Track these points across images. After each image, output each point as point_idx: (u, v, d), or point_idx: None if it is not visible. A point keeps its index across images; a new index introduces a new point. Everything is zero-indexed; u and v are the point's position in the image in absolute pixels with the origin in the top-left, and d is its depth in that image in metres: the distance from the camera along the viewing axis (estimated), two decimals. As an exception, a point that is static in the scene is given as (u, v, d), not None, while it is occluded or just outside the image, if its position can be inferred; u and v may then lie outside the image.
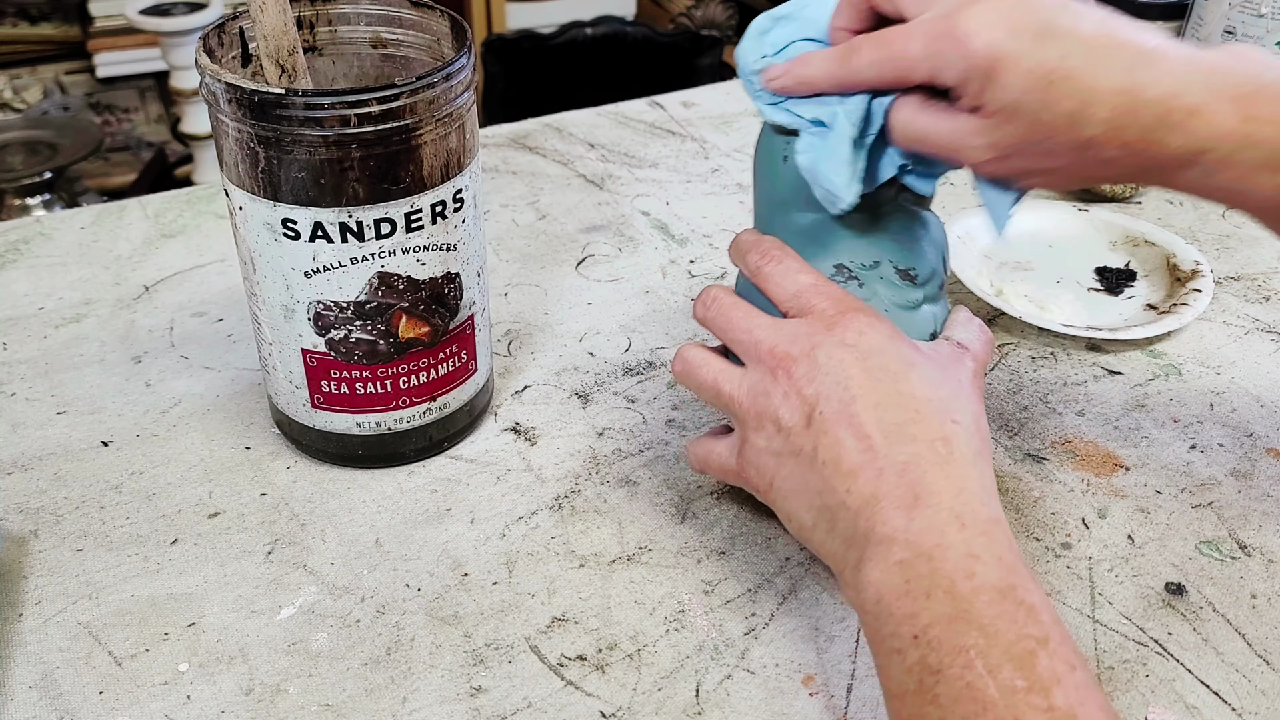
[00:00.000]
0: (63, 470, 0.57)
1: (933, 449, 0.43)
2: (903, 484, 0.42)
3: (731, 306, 0.49)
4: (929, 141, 0.45)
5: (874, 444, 0.43)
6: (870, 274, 0.50)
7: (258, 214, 0.49)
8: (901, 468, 0.42)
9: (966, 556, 0.40)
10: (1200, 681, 0.47)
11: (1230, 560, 0.53)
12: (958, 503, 0.41)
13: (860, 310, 0.46)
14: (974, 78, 0.42)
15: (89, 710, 0.45)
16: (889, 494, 0.42)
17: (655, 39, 1.97)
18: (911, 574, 0.40)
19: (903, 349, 0.45)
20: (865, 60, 0.45)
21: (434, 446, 0.58)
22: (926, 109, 0.45)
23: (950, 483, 0.42)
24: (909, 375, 0.44)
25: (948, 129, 0.44)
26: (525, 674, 0.47)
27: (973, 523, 0.41)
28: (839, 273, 0.50)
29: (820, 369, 0.45)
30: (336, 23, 0.55)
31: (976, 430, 0.45)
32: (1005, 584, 0.39)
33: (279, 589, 0.51)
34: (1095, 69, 0.41)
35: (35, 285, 0.71)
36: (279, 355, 0.54)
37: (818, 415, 0.44)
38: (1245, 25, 0.85)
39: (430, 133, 0.48)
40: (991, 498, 0.43)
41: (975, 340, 0.49)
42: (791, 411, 0.45)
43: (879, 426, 0.43)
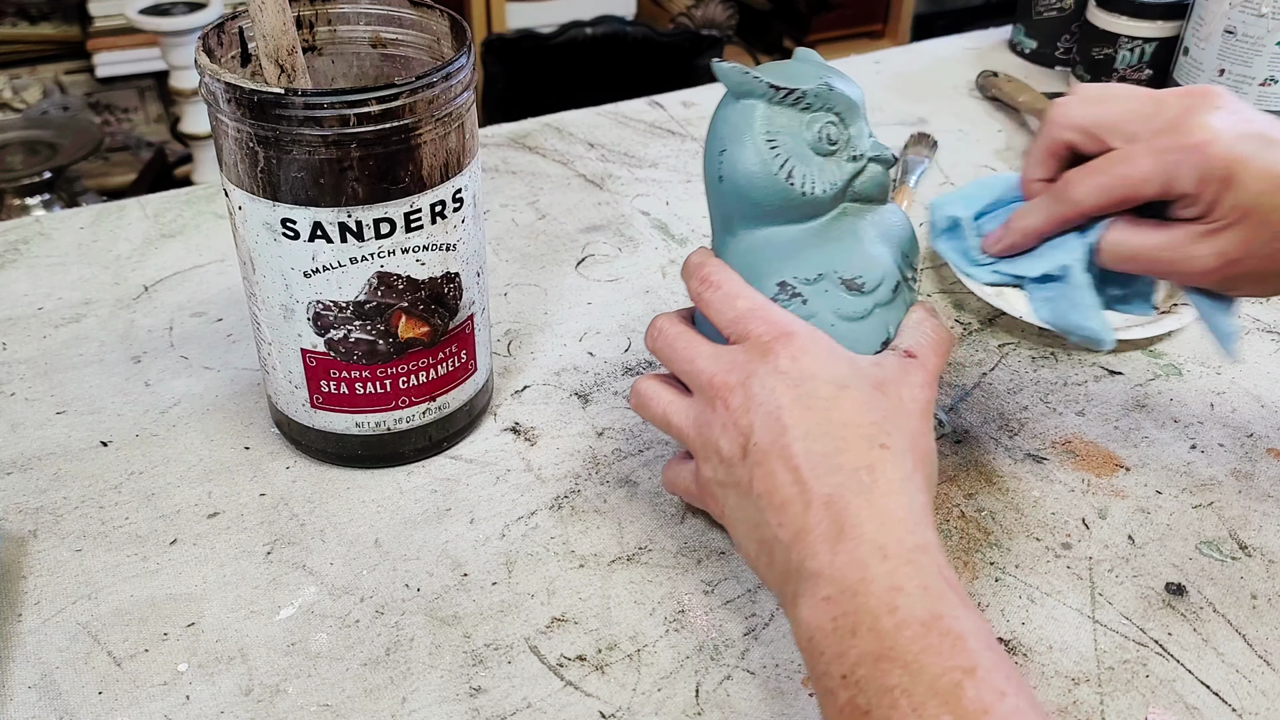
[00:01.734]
0: (62, 470, 0.57)
1: (857, 478, 0.42)
2: (828, 517, 0.41)
3: (675, 337, 0.49)
4: (1145, 257, 0.47)
5: (803, 476, 0.42)
6: (814, 288, 0.48)
7: (257, 214, 0.49)
8: (827, 500, 0.42)
9: (890, 590, 0.39)
10: (1200, 682, 0.47)
11: (1230, 560, 0.53)
12: (881, 533, 0.40)
13: (795, 334, 0.46)
14: (1211, 183, 0.44)
15: (88, 710, 0.45)
16: (815, 528, 0.41)
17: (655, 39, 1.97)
18: (838, 611, 0.39)
19: (838, 372, 0.45)
20: (1086, 189, 0.47)
21: (433, 446, 0.58)
22: (1141, 227, 0.47)
23: (873, 513, 0.41)
24: (841, 401, 0.44)
25: (1167, 242, 0.46)
26: (525, 674, 0.47)
27: (896, 553, 0.40)
28: (782, 290, 0.48)
29: (754, 399, 0.44)
30: (336, 22, 0.55)
31: (911, 451, 0.44)
32: (931, 614, 0.38)
33: (278, 589, 0.51)
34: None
35: (35, 285, 0.71)
36: (278, 355, 0.54)
37: (752, 446, 0.44)
38: (1245, 25, 0.85)
39: (430, 132, 0.48)
40: (920, 523, 0.42)
41: (925, 345, 0.48)
42: (730, 443, 0.45)
43: (807, 458, 0.43)
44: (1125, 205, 0.47)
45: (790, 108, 0.48)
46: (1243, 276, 0.47)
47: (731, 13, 2.23)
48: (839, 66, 0.51)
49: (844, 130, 0.49)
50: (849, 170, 0.49)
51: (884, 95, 0.97)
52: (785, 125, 0.48)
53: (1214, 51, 0.87)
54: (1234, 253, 0.46)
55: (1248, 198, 0.44)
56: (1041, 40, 1.04)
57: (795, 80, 0.48)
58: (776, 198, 0.48)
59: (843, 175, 0.49)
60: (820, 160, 0.48)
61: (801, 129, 0.48)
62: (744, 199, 0.48)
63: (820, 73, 0.49)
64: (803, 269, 0.48)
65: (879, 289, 0.49)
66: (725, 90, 0.49)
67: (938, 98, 0.97)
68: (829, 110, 0.48)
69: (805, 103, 0.48)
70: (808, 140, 0.48)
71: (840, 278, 0.48)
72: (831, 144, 0.48)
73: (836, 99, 0.48)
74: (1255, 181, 0.44)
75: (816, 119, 0.48)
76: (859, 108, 0.49)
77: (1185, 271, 0.47)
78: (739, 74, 0.47)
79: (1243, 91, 0.87)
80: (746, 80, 0.47)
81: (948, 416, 0.55)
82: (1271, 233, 0.45)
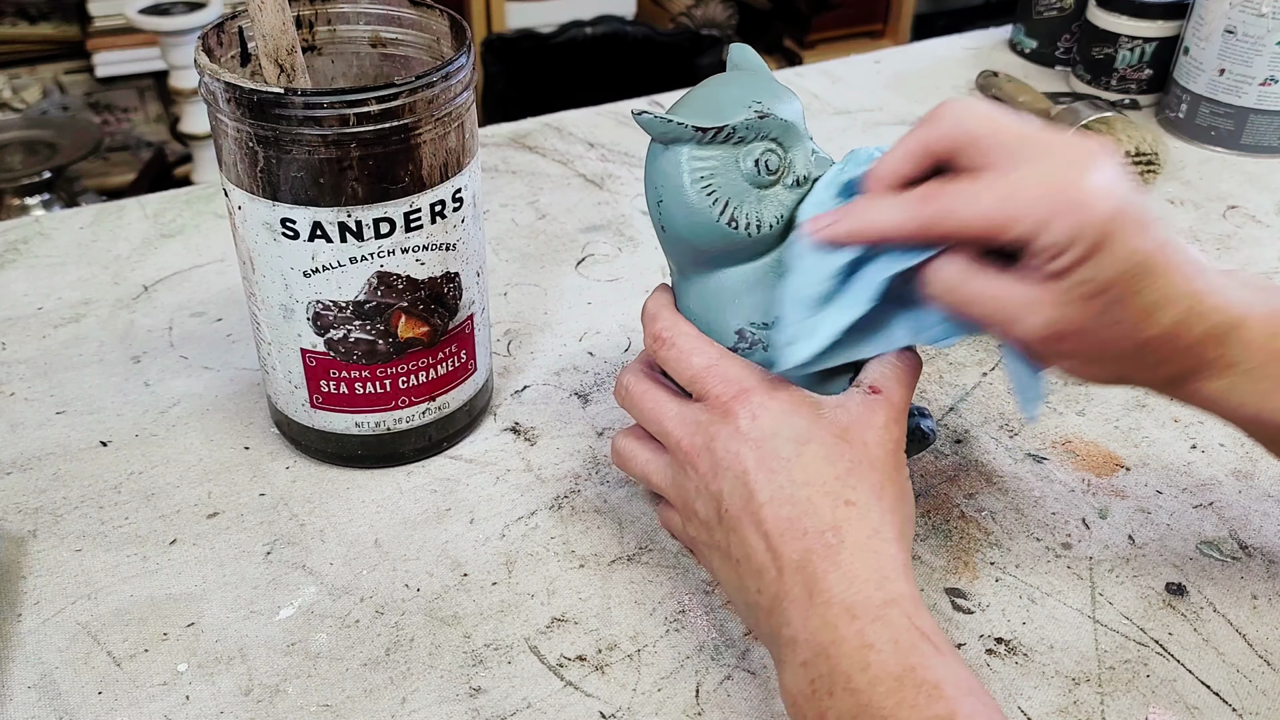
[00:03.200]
0: (61, 470, 0.57)
1: (823, 540, 0.41)
2: (799, 581, 0.41)
3: (640, 396, 0.48)
4: (976, 307, 0.42)
5: (773, 543, 0.42)
6: (771, 334, 0.46)
7: (257, 214, 0.49)
8: (797, 565, 0.41)
9: (861, 648, 0.39)
10: (1201, 682, 0.47)
11: (1231, 560, 0.53)
12: (849, 593, 0.40)
13: (752, 390, 0.44)
14: (1081, 244, 0.39)
15: (88, 710, 0.45)
16: (789, 593, 0.41)
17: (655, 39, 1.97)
18: (815, 674, 0.39)
19: (798, 426, 0.44)
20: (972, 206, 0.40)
21: (433, 446, 0.58)
22: (981, 272, 0.42)
23: (841, 573, 0.41)
24: (802, 458, 0.43)
25: (1004, 297, 0.41)
26: (525, 674, 0.47)
27: (865, 611, 0.40)
28: (741, 339, 0.47)
29: (720, 463, 0.44)
30: (336, 22, 0.55)
31: (878, 501, 0.43)
32: (903, 667, 0.38)
33: (278, 589, 0.51)
34: (1172, 269, 0.40)
35: (34, 285, 0.71)
36: (278, 355, 0.54)
37: (725, 513, 0.44)
38: (1245, 25, 0.85)
39: (429, 132, 0.48)
40: (890, 577, 0.41)
41: (890, 377, 0.46)
42: (705, 506, 0.45)
43: (776, 523, 0.42)
44: (987, 240, 0.41)
45: (721, 145, 0.45)
46: (1068, 356, 0.43)
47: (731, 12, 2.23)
48: (839, 67, 0.50)
49: (784, 155, 0.46)
50: (794, 197, 0.46)
51: (884, 95, 0.97)
52: (718, 165, 0.45)
53: (1214, 51, 0.87)
54: (1066, 328, 0.41)
55: (1105, 275, 0.39)
56: (1042, 40, 1.04)
57: (723, 110, 0.45)
58: (720, 243, 0.46)
59: (788, 203, 0.46)
60: (762, 193, 0.45)
61: (736, 164, 0.45)
62: (689, 247, 0.47)
63: (751, 91, 0.46)
64: (759, 313, 0.47)
65: None
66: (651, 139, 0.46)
67: (938, 98, 0.97)
68: (764, 139, 0.45)
69: (737, 137, 0.45)
70: (744, 175, 0.45)
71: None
72: (771, 172, 0.45)
73: (770, 125, 0.45)
74: (1119, 260, 0.39)
75: (751, 150, 0.45)
76: (797, 127, 0.46)
77: (1012, 332, 0.42)
78: (661, 123, 0.44)
79: (1243, 92, 0.87)
80: (670, 128, 0.44)
81: (935, 426, 0.53)
82: (1112, 320, 0.40)
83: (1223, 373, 0.43)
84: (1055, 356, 0.43)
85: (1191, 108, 0.90)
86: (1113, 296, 0.40)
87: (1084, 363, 0.43)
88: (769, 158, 0.45)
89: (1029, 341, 0.42)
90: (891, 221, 0.42)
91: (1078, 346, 0.42)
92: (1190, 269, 0.41)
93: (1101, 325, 0.41)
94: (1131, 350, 0.42)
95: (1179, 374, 0.43)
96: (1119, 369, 0.44)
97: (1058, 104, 0.87)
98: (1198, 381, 0.44)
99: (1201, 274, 0.42)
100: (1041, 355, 0.44)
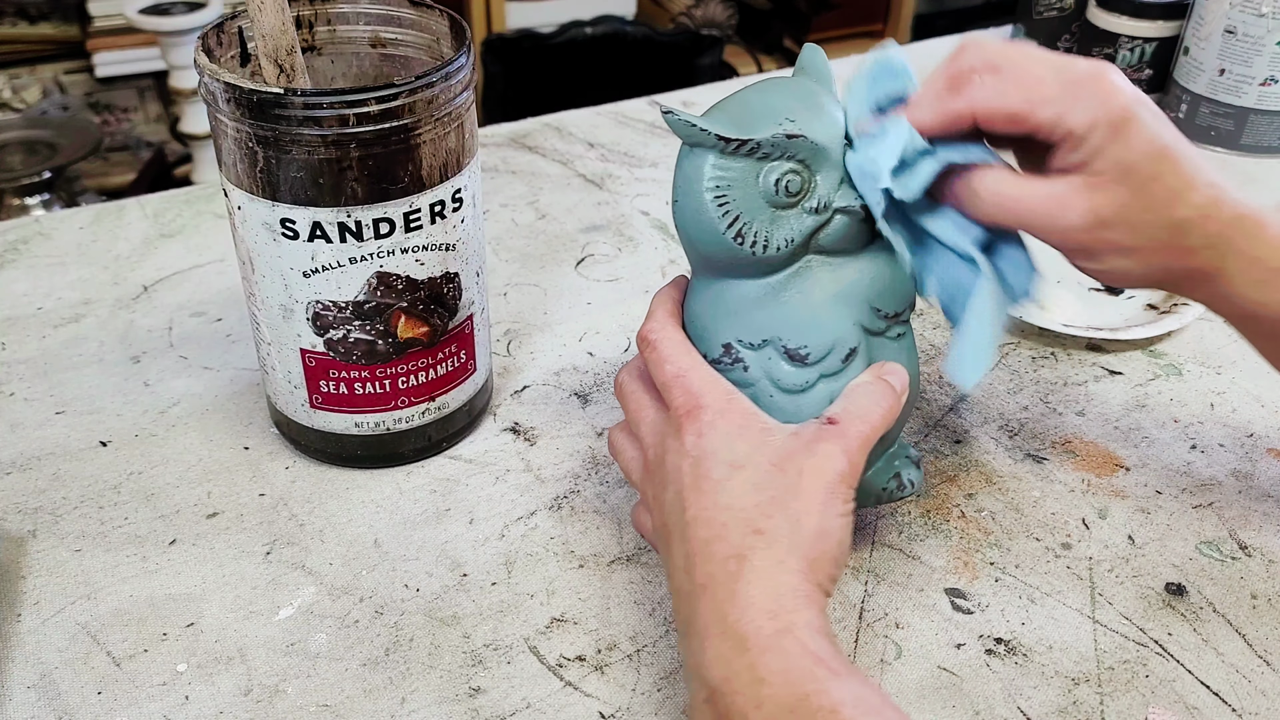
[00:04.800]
0: (61, 470, 0.57)
1: (725, 568, 0.41)
2: (704, 608, 0.40)
3: (627, 396, 0.49)
4: (1022, 209, 0.45)
5: (690, 563, 0.42)
6: (757, 355, 0.46)
7: (256, 214, 0.49)
8: (702, 590, 0.41)
9: (753, 683, 0.38)
10: (1200, 682, 0.47)
11: (1230, 561, 0.53)
12: (742, 623, 0.39)
13: (704, 408, 0.44)
14: (1100, 128, 0.43)
15: (87, 710, 0.45)
16: (696, 618, 0.41)
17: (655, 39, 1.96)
18: (714, 712, 0.39)
19: (738, 449, 0.43)
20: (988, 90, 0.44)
21: (433, 447, 0.58)
22: (1021, 177, 0.45)
23: (735, 604, 0.40)
24: (731, 482, 0.42)
25: (1044, 194, 0.44)
26: (524, 674, 0.47)
27: (757, 642, 0.39)
28: (726, 353, 0.46)
29: (666, 477, 0.44)
30: (335, 22, 0.55)
31: (792, 532, 0.41)
32: (796, 698, 0.37)
33: (277, 589, 0.51)
34: (1193, 159, 0.44)
35: (34, 285, 0.71)
36: (278, 355, 0.54)
37: (663, 526, 0.45)
38: (1246, 25, 0.85)
39: (429, 132, 0.48)
40: (787, 606, 0.40)
41: (852, 411, 0.45)
42: (655, 516, 0.46)
43: (694, 544, 0.42)
44: (1014, 126, 0.44)
45: (744, 157, 0.44)
46: (1112, 245, 0.45)
47: (731, 12, 2.22)
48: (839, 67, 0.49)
49: (809, 178, 0.44)
50: (810, 223, 0.45)
51: (884, 95, 0.97)
52: (738, 177, 0.44)
53: (1214, 51, 0.87)
54: (1107, 212, 0.44)
55: (1131, 156, 0.43)
56: (1041, 40, 1.04)
57: (753, 122, 0.44)
58: (724, 255, 0.45)
59: (802, 229, 0.45)
60: (776, 213, 0.44)
61: (756, 180, 0.44)
62: (696, 251, 0.46)
63: (791, 105, 0.44)
64: (749, 332, 0.46)
65: (826, 359, 0.46)
66: None
67: (938, 97, 0.97)
68: (789, 158, 0.44)
69: (761, 152, 0.44)
70: (762, 192, 0.44)
71: (784, 346, 0.45)
72: (791, 195, 0.44)
73: (798, 146, 0.44)
74: (1141, 143, 0.43)
75: (774, 168, 0.44)
76: (828, 151, 0.44)
77: (1058, 227, 0.45)
78: (686, 126, 0.44)
79: (1242, 92, 0.87)
80: (694, 133, 0.44)
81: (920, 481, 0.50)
82: (1144, 203, 0.44)
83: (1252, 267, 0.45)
84: (1101, 250, 0.45)
85: (1191, 108, 0.90)
86: (1142, 178, 0.43)
87: (1125, 254, 0.45)
88: (791, 179, 0.44)
89: (1076, 231, 0.44)
90: (924, 116, 0.45)
91: (1119, 236, 0.44)
92: (1204, 163, 0.45)
93: (1136, 207, 0.44)
94: (1166, 235, 0.44)
95: (1206, 268, 0.45)
96: (1157, 259, 0.45)
97: (1058, 104, 0.87)
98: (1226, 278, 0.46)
99: (1215, 170, 0.45)
100: (1088, 247, 0.46)
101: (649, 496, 0.46)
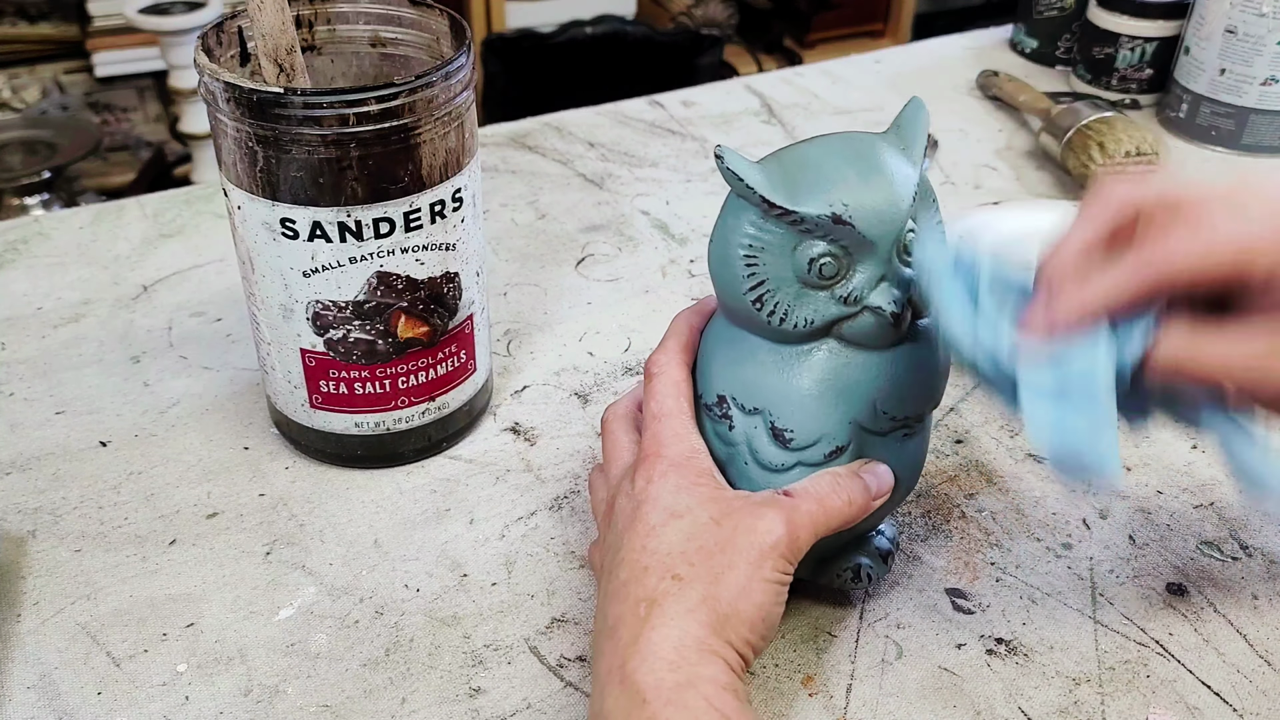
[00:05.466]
0: (61, 470, 0.57)
1: (635, 611, 0.40)
2: (607, 653, 0.40)
3: (606, 435, 0.49)
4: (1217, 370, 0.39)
5: (606, 603, 0.41)
6: (744, 419, 0.44)
7: (256, 213, 0.49)
8: (610, 633, 0.40)
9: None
10: (1201, 682, 0.47)
11: (1231, 561, 0.53)
12: (643, 672, 0.38)
13: (661, 457, 0.44)
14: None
15: (87, 711, 0.45)
16: (604, 662, 0.40)
17: (655, 38, 1.96)
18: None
19: (682, 501, 0.42)
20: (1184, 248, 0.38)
21: (433, 447, 0.58)
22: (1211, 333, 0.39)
23: (637, 651, 0.38)
24: (665, 529, 0.41)
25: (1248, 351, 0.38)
26: (524, 675, 0.47)
27: (658, 695, 0.37)
28: (719, 404, 0.45)
29: (615, 517, 0.44)
30: (335, 21, 0.55)
31: (707, 584, 0.40)
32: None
33: (277, 589, 0.51)
34: None
35: (34, 285, 0.71)
36: (277, 355, 0.54)
37: (600, 566, 0.45)
38: (1246, 25, 0.84)
39: (429, 132, 0.48)
40: (690, 659, 0.38)
41: (810, 490, 0.43)
42: (600, 555, 0.46)
43: (614, 586, 0.41)
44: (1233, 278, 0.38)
45: (786, 224, 0.41)
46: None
47: (731, 12, 2.22)
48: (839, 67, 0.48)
49: (847, 266, 0.42)
50: (835, 312, 0.42)
51: (884, 95, 0.97)
52: (774, 242, 0.42)
53: (1215, 51, 0.87)
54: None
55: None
56: (1042, 40, 1.04)
57: (807, 191, 0.41)
58: (742, 312, 0.44)
59: (826, 314, 0.42)
60: (804, 290, 0.42)
61: (792, 253, 0.42)
62: (718, 296, 0.45)
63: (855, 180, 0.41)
64: (746, 394, 0.44)
65: (809, 449, 0.44)
66: None
67: (938, 97, 0.97)
68: (831, 240, 0.41)
69: (803, 226, 0.41)
70: (795, 266, 0.42)
71: (772, 422, 0.44)
72: (824, 279, 0.42)
73: (843, 234, 0.41)
74: None
75: (813, 247, 0.41)
76: (876, 246, 0.41)
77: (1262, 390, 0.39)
78: (733, 178, 0.41)
79: (1243, 91, 0.86)
80: (739, 186, 0.41)
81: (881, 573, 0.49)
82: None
83: None
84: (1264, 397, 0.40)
85: (1192, 108, 0.90)
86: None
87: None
88: (827, 263, 0.41)
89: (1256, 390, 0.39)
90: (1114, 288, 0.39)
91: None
92: None
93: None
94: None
95: None
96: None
97: (1058, 104, 0.87)
98: None
99: None
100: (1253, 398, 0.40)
101: (601, 536, 0.46)
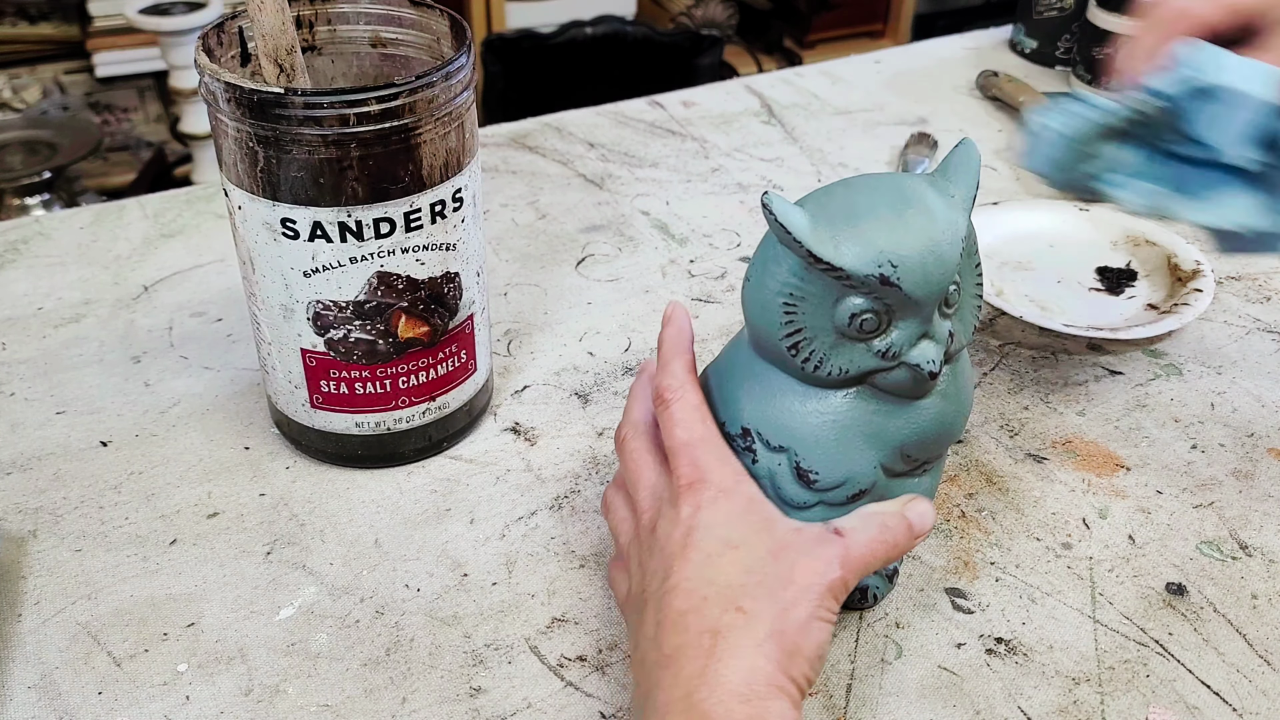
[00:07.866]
0: (62, 470, 0.57)
1: (699, 642, 0.39)
2: (666, 684, 0.39)
3: (628, 455, 0.47)
4: None
5: (662, 631, 0.40)
6: (769, 455, 0.44)
7: (257, 214, 0.49)
8: (667, 663, 0.39)
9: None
10: (1201, 682, 0.47)
11: (1231, 560, 0.53)
12: (708, 703, 0.37)
13: (709, 483, 0.43)
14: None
15: (88, 710, 0.45)
16: (654, 694, 0.39)
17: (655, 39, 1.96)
18: None
19: (737, 530, 0.42)
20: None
21: (433, 446, 0.58)
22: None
23: (705, 682, 0.38)
24: (722, 559, 0.41)
25: None
26: (525, 674, 0.47)
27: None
28: (744, 436, 0.44)
29: (656, 544, 0.43)
30: (336, 22, 0.55)
31: (773, 619, 0.39)
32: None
33: (278, 589, 0.51)
34: None
35: (34, 285, 0.71)
36: (278, 355, 0.54)
37: (640, 593, 0.43)
38: (1246, 25, 0.84)
39: (429, 132, 0.48)
40: (760, 693, 0.38)
41: (859, 530, 0.43)
42: (636, 580, 0.44)
43: (670, 614, 0.40)
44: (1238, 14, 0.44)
45: (829, 277, 0.40)
46: None
47: (731, 12, 2.22)
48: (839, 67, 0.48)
49: (886, 325, 0.41)
50: (871, 364, 0.41)
51: (884, 95, 0.97)
52: (815, 292, 0.40)
53: (1214, 51, 0.87)
54: None
55: None
56: (1042, 40, 1.04)
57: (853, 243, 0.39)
58: (775, 353, 0.43)
59: (863, 366, 0.41)
60: (841, 340, 0.41)
61: (832, 303, 0.40)
62: (751, 332, 0.44)
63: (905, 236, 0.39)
64: (772, 430, 0.43)
65: (833, 490, 0.43)
66: None
67: (938, 98, 0.97)
68: (874, 298, 0.40)
69: (849, 283, 0.40)
70: (834, 317, 0.41)
71: (797, 462, 0.43)
72: (863, 333, 0.41)
73: (888, 294, 0.40)
74: None
75: (854, 302, 0.40)
76: (920, 306, 0.40)
77: None
78: (779, 225, 0.39)
79: (1243, 91, 0.86)
80: (786, 237, 0.39)
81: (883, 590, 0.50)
82: None
83: None
84: None
85: (1191, 108, 0.90)
86: None
87: None
88: (867, 319, 0.40)
89: None
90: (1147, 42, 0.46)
91: None
92: None
93: None
94: None
95: None
96: None
97: (1058, 104, 0.87)
98: None
99: None
100: None
101: (633, 561, 0.45)
